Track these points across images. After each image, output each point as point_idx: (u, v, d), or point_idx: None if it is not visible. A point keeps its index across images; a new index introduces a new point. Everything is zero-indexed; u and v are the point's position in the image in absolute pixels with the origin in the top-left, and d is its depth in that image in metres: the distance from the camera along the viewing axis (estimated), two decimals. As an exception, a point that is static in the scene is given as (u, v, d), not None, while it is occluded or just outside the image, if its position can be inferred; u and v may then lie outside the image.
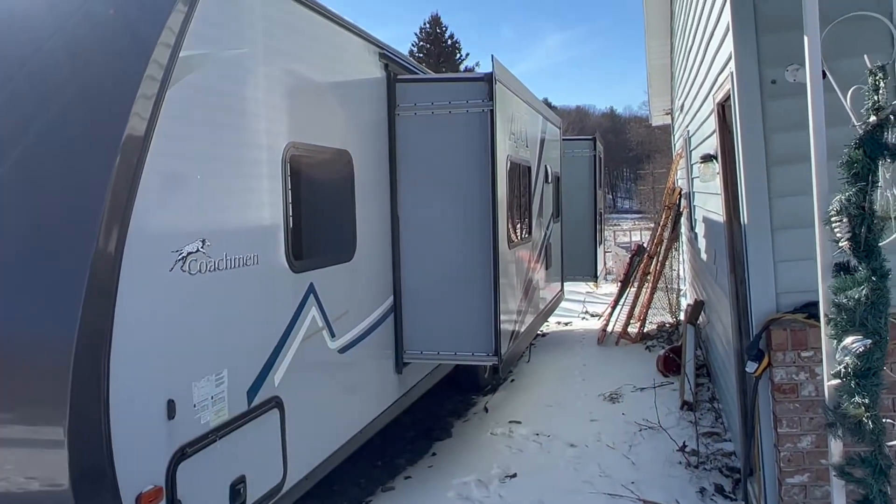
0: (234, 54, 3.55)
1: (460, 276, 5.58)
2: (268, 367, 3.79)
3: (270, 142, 3.85)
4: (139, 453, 2.89)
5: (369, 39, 5.21)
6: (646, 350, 9.44)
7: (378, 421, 5.24)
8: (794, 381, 4.03)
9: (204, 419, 3.26)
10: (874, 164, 2.35)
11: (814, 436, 4.00)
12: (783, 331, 4.04)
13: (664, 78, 12.70)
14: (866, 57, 2.45)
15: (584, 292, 13.94)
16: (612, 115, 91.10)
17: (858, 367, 2.34)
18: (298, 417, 4.04)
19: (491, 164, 5.45)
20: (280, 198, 3.93)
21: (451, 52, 57.54)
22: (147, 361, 2.94)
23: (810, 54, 2.54)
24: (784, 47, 3.99)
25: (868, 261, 2.36)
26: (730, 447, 5.75)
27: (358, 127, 5.03)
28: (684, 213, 9.86)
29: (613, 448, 5.96)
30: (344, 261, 4.75)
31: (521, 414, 6.98)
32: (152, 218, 2.97)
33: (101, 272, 2.71)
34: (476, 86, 5.54)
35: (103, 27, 3.17)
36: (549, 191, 8.88)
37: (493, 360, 5.56)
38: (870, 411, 2.33)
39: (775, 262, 4.15)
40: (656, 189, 35.53)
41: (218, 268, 3.36)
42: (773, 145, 4.14)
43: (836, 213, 2.43)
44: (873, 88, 2.35)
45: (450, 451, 6.21)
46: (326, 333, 4.45)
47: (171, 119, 3.06)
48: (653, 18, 11.05)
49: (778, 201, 4.14)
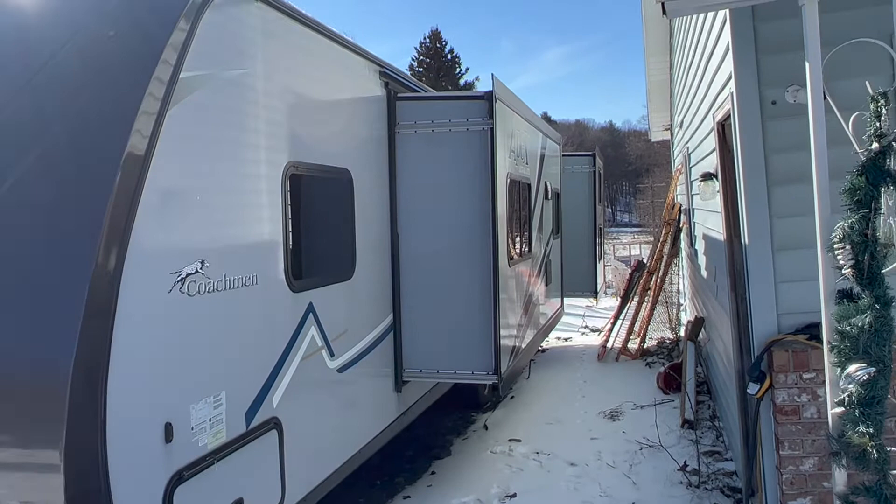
0: (235, 74, 3.55)
1: (460, 293, 5.57)
2: (266, 388, 3.76)
3: (271, 161, 3.85)
4: (136, 477, 2.85)
5: (369, 58, 5.21)
6: (646, 366, 9.40)
7: (377, 440, 5.20)
8: (796, 403, 4.01)
9: (202, 442, 3.23)
10: (877, 191, 2.34)
11: (816, 458, 3.97)
12: (785, 352, 4.02)
13: (663, 94, 12.73)
14: (867, 83, 2.45)
15: (583, 306, 13.91)
16: (611, 129, 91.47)
17: (862, 395, 2.32)
18: (297, 438, 4.00)
19: (491, 181, 5.45)
20: (280, 217, 3.92)
21: (450, 66, 57.80)
22: (145, 384, 2.92)
23: (812, 81, 2.54)
24: (784, 68, 4.00)
25: (871, 288, 2.35)
26: (731, 467, 5.71)
27: (358, 145, 5.03)
28: (684, 229, 9.86)
29: (614, 467, 5.92)
30: (343, 279, 4.74)
31: (521, 432, 6.94)
32: (152, 238, 2.96)
33: (100, 294, 2.69)
34: (476, 104, 5.54)
35: (106, 46, 3.17)
36: (548, 207, 8.88)
37: (492, 378, 5.53)
38: (874, 440, 2.31)
39: (776, 283, 4.14)
40: (655, 203, 35.60)
41: (217, 288, 3.35)
42: (773, 165, 4.14)
43: (839, 240, 2.42)
44: (875, 115, 2.35)
45: (449, 470, 6.17)
46: (325, 353, 4.43)
47: (172, 138, 3.05)
48: (652, 35, 11.08)
49: (778, 221, 4.13)
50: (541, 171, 8.27)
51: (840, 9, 3.65)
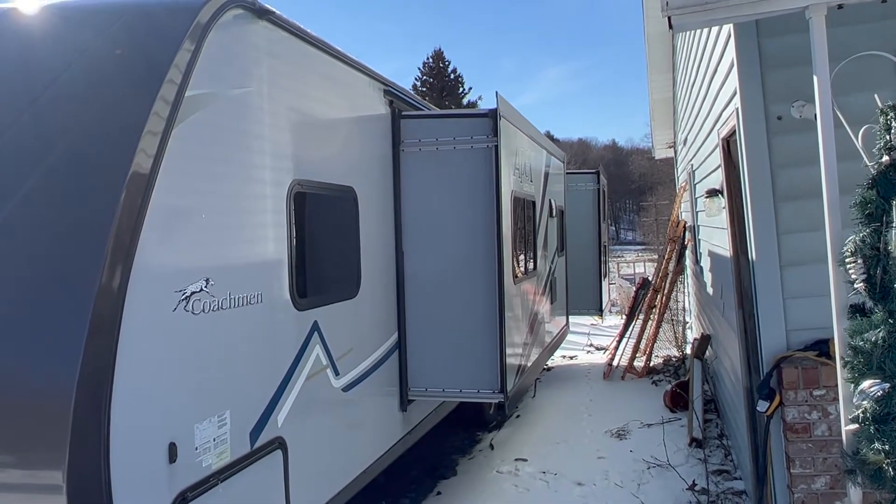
0: (240, 93, 3.55)
1: (465, 311, 5.53)
2: (271, 408, 3.72)
3: (275, 179, 3.84)
4: (139, 498, 2.82)
5: (374, 76, 5.23)
6: (652, 385, 9.33)
7: (382, 460, 5.15)
8: (806, 421, 3.96)
9: (206, 462, 3.19)
10: (888, 205, 2.31)
11: (828, 477, 3.91)
12: (794, 369, 3.98)
13: (667, 112, 12.76)
14: (877, 96, 2.43)
15: (588, 325, 13.86)
16: (614, 147, 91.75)
17: (877, 411, 2.28)
18: (302, 458, 3.96)
19: (496, 199, 5.43)
20: (284, 235, 3.90)
21: (453, 86, 58.09)
22: (149, 404, 2.89)
23: (820, 95, 2.53)
24: (789, 83, 4.00)
25: (884, 303, 2.32)
26: (740, 486, 5.64)
27: (362, 163, 5.03)
28: (689, 246, 9.83)
29: (621, 487, 5.85)
30: (348, 297, 4.71)
31: (528, 451, 6.87)
32: (156, 257, 2.94)
33: (104, 312, 2.67)
34: (480, 122, 5.54)
35: (111, 66, 3.18)
36: (553, 224, 8.86)
37: (498, 397, 5.48)
38: (890, 457, 2.27)
39: (784, 299, 4.11)
40: (659, 221, 35.58)
41: (221, 307, 3.32)
42: (779, 181, 4.12)
43: (851, 254, 2.39)
44: (885, 128, 2.33)
45: (455, 490, 6.10)
46: (330, 372, 4.40)
47: (177, 156, 3.05)
48: (654, 53, 11.12)
49: (786, 237, 4.11)
50: (545, 188, 8.26)
51: (846, 23, 3.65)
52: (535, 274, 7.44)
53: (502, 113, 5.52)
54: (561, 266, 9.63)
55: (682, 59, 9.12)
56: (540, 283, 7.84)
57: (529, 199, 7.19)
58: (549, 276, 8.58)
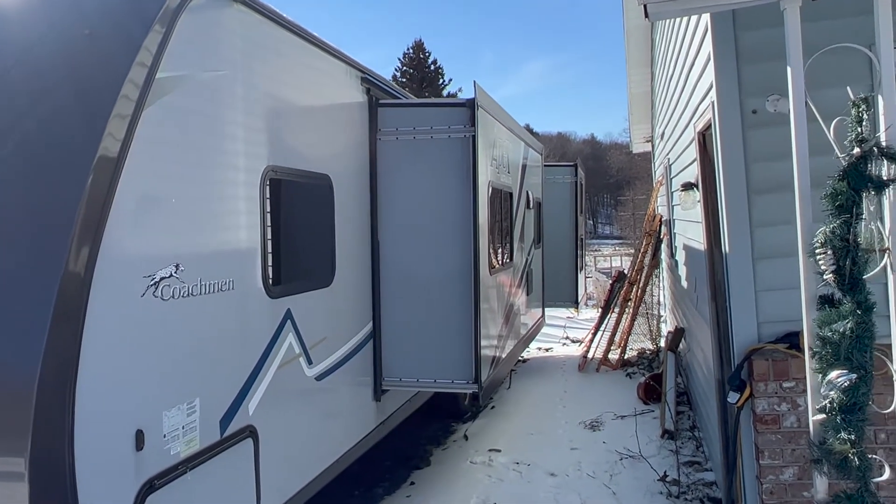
0: (213, 76, 3.49)
1: (440, 302, 5.52)
2: (242, 396, 3.68)
3: (249, 165, 3.79)
4: (105, 486, 2.77)
5: (351, 63, 5.18)
6: (626, 377, 9.40)
7: (356, 449, 5.13)
8: (776, 412, 4.00)
9: (174, 450, 3.15)
10: (858, 196, 2.33)
11: (796, 468, 3.96)
12: (765, 361, 4.02)
13: (645, 106, 12.82)
14: (849, 89, 2.45)
15: (565, 317, 13.91)
16: (592, 141, 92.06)
17: (844, 401, 2.30)
18: (273, 447, 3.93)
19: (472, 189, 5.42)
20: (258, 222, 3.86)
21: (433, 77, 57.97)
22: (115, 390, 2.84)
23: (794, 86, 2.54)
24: (765, 77, 4.01)
25: (853, 294, 2.34)
26: (711, 477, 5.70)
27: (339, 151, 4.98)
28: (664, 240, 9.89)
29: (594, 477, 5.89)
30: (322, 286, 4.67)
31: (502, 442, 6.89)
32: (125, 241, 2.89)
33: (69, 297, 2.62)
34: (458, 111, 5.52)
35: (80, 46, 3.10)
36: (530, 216, 8.87)
37: (472, 387, 5.48)
38: (856, 447, 2.29)
39: (757, 292, 4.14)
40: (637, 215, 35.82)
41: (192, 293, 3.28)
42: (753, 175, 4.14)
43: (821, 245, 2.40)
44: (856, 120, 2.34)
45: (428, 481, 6.10)
46: (303, 360, 4.36)
47: (147, 140, 2.99)
48: (633, 47, 11.16)
49: (759, 231, 4.14)
50: (522, 180, 8.26)
51: (823, 18, 3.67)
52: (511, 265, 7.44)
53: (480, 103, 5.50)
54: (537, 258, 9.65)
55: (661, 53, 9.16)
56: (516, 274, 7.85)
57: (507, 190, 7.19)
58: (526, 268, 8.59)
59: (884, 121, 2.39)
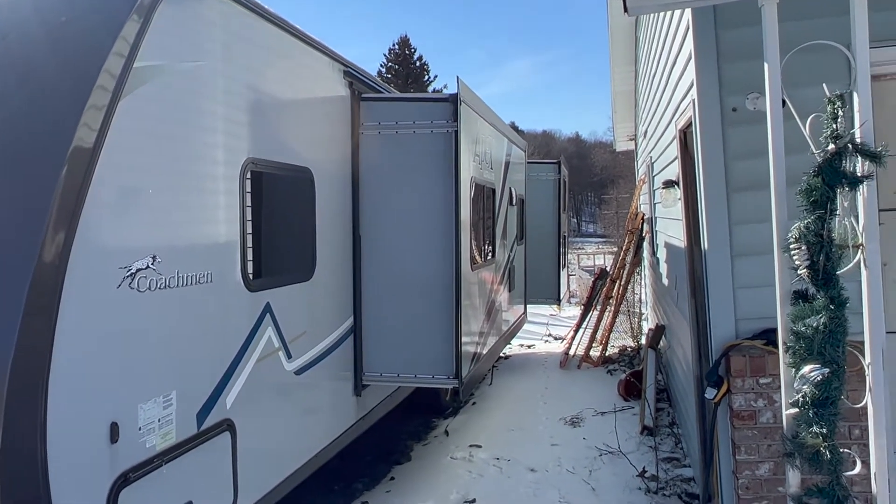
0: (192, 66, 3.46)
1: (421, 297, 5.52)
2: (220, 389, 3.66)
3: (228, 157, 3.76)
4: (78, 479, 2.75)
5: (333, 56, 5.15)
6: (607, 374, 9.44)
7: (335, 444, 5.11)
8: (752, 408, 4.03)
9: (150, 443, 3.13)
10: (833, 192, 2.35)
11: (772, 463, 3.99)
12: (742, 357, 4.05)
13: (628, 104, 12.86)
14: (825, 85, 2.47)
15: (547, 314, 13.96)
16: (577, 139, 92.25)
17: (816, 396, 2.32)
18: (251, 441, 3.91)
19: (454, 185, 5.42)
20: (237, 214, 3.83)
21: (419, 73, 57.90)
22: (89, 383, 2.81)
23: (770, 82, 2.56)
24: (745, 75, 4.04)
25: (826, 289, 2.36)
26: (689, 473, 5.74)
27: (320, 144, 4.96)
28: (646, 237, 9.94)
29: (573, 473, 5.91)
30: (303, 280, 4.65)
31: (482, 437, 6.90)
32: (100, 233, 2.86)
33: (43, 288, 2.59)
34: (441, 106, 5.52)
35: (55, 35, 3.07)
36: (513, 213, 8.88)
37: (453, 383, 5.48)
38: (827, 441, 2.32)
39: (735, 289, 4.17)
40: (620, 214, 35.97)
41: (169, 285, 3.25)
42: (733, 172, 4.17)
43: (795, 240, 2.42)
44: (832, 117, 2.36)
45: (409, 476, 6.10)
46: (283, 354, 4.34)
47: (123, 131, 2.96)
48: (618, 45, 11.19)
49: (738, 228, 4.16)
50: (505, 176, 8.27)
51: (802, 17, 3.70)
52: (493, 262, 7.45)
53: (463, 98, 5.50)
54: (520, 255, 9.66)
55: (644, 51, 9.19)
56: (498, 270, 7.86)
57: (489, 186, 7.19)
58: (508, 265, 8.60)
59: (858, 117, 2.41)
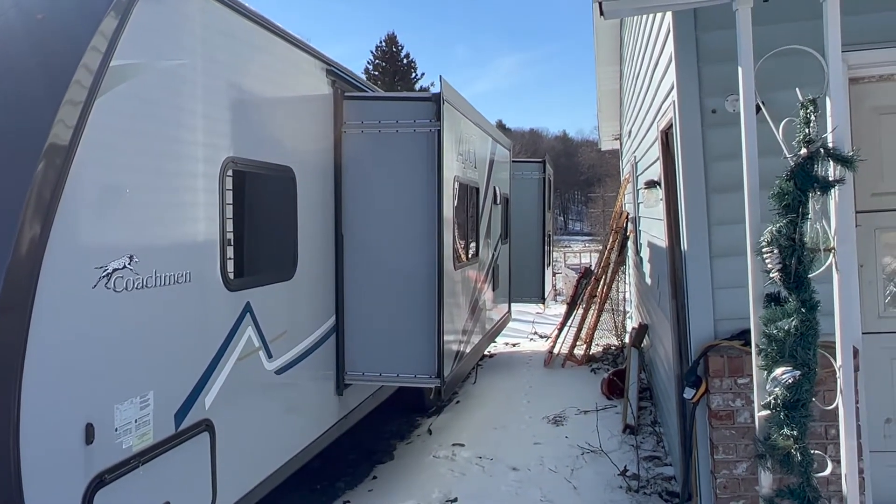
0: (171, 64, 3.44)
1: (404, 296, 5.52)
2: (198, 389, 3.65)
3: (208, 156, 3.74)
4: (52, 480, 2.73)
5: (316, 55, 5.14)
6: (591, 372, 9.48)
7: (317, 444, 5.11)
8: (730, 408, 4.06)
9: (126, 443, 3.11)
10: (805, 196, 2.37)
11: (749, 462, 4.02)
12: (720, 357, 4.07)
13: (613, 103, 12.90)
14: (798, 90, 2.49)
15: (533, 313, 13.99)
16: (564, 138, 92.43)
17: (787, 398, 2.34)
18: (230, 441, 3.90)
19: (437, 184, 5.42)
20: (216, 214, 3.81)
21: (406, 70, 57.81)
22: (64, 383, 2.79)
23: (744, 86, 2.57)
24: (724, 78, 4.06)
25: (798, 292, 2.38)
26: (670, 471, 5.77)
27: (302, 143, 4.94)
28: (631, 237, 9.98)
29: (556, 472, 5.93)
30: (284, 279, 4.64)
31: (465, 436, 6.91)
32: (75, 232, 2.84)
33: (16, 287, 2.57)
34: (423, 105, 5.51)
35: (32, 30, 3.04)
36: (497, 212, 8.89)
37: (435, 382, 5.49)
38: (798, 443, 2.34)
39: (713, 289, 4.19)
40: (606, 212, 36.09)
41: (146, 285, 3.23)
42: (712, 173, 4.19)
43: (768, 243, 2.44)
44: (804, 121, 2.38)
45: (391, 475, 6.10)
46: (263, 354, 4.33)
47: (101, 128, 2.94)
48: (603, 45, 11.21)
49: (717, 229, 4.19)
50: (490, 175, 8.28)
51: (779, 20, 3.72)
52: (477, 260, 7.46)
53: (446, 97, 5.50)
54: (504, 254, 9.68)
55: (629, 52, 9.22)
56: (482, 269, 7.87)
57: (473, 185, 7.20)
58: (492, 263, 8.61)
59: (830, 122, 2.43)
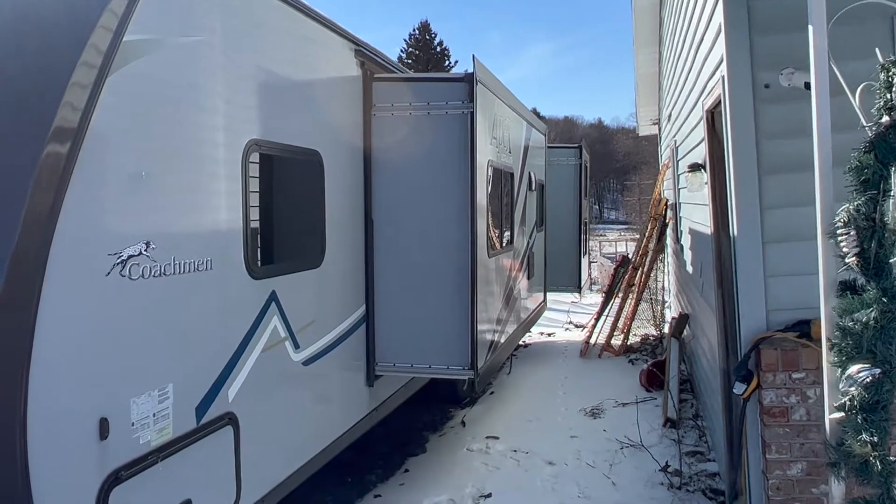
0: (188, 42, 3.27)
1: (436, 284, 5.32)
2: (221, 382, 3.49)
3: (229, 139, 3.57)
4: (63, 478, 2.59)
5: (344, 35, 4.94)
6: (629, 363, 9.21)
7: (346, 437, 4.95)
8: (784, 405, 3.80)
9: (144, 439, 2.97)
10: (886, 170, 2.09)
11: (805, 463, 3.76)
12: (773, 350, 3.81)
13: (652, 87, 12.54)
14: (878, 50, 2.21)
15: (569, 302, 13.73)
16: (599, 125, 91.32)
17: (865, 399, 2.08)
18: (255, 435, 3.75)
19: (470, 168, 5.20)
20: (239, 199, 3.65)
21: (440, 58, 57.56)
22: (75, 376, 2.65)
23: (816, 49, 2.30)
24: (779, 49, 3.77)
25: (878, 279, 2.10)
26: (714, 468, 5.52)
27: (330, 126, 4.76)
28: (670, 224, 9.67)
29: (593, 467, 5.71)
30: (311, 267, 4.47)
31: (500, 429, 6.71)
32: (86, 218, 2.69)
33: (21, 275, 2.42)
34: (456, 86, 5.29)
35: (36, 6, 2.88)
36: (532, 198, 8.64)
37: (468, 374, 5.29)
38: (878, 450, 2.08)
39: (766, 278, 3.92)
40: (642, 200, 35.52)
41: (164, 273, 3.08)
42: (765, 153, 3.91)
43: (843, 224, 2.17)
44: (885, 85, 2.10)
45: (423, 468, 5.93)
46: (290, 344, 4.17)
47: (112, 110, 2.78)
48: (641, 27, 10.88)
49: (770, 213, 3.91)
50: (525, 160, 8.03)
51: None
52: (511, 248, 7.24)
53: (479, 78, 5.26)
54: (540, 241, 9.43)
55: (669, 31, 8.88)
56: (517, 257, 7.64)
57: (507, 170, 6.96)
58: (527, 251, 8.38)
59: (915, 87, 2.15)
